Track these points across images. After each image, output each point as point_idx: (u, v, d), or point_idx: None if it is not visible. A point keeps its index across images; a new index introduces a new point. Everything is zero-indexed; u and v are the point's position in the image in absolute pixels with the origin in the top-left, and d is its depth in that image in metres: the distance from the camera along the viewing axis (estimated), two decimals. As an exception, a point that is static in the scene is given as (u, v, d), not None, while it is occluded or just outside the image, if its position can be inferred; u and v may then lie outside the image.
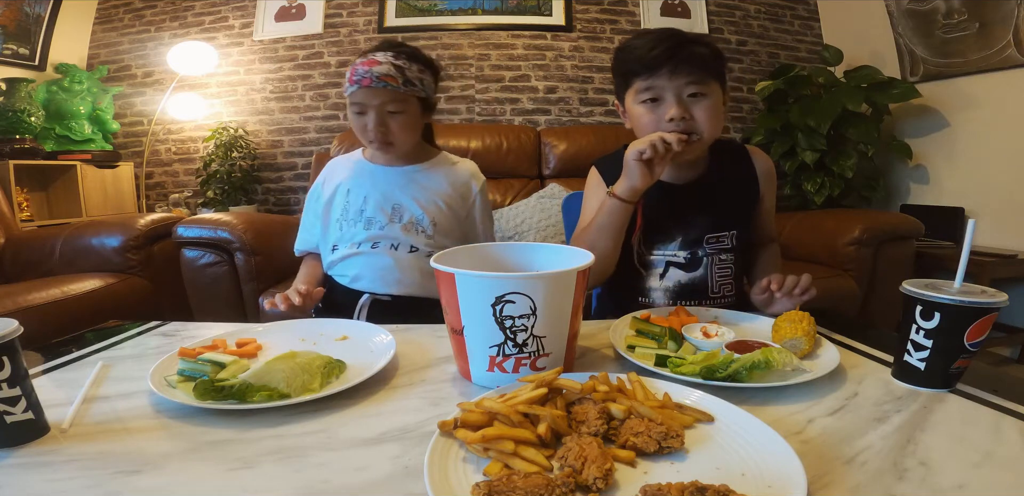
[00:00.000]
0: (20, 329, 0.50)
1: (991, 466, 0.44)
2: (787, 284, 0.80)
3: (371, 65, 0.97)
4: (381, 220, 1.08)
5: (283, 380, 0.57)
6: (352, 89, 0.99)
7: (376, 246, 1.07)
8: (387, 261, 1.07)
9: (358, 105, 1.00)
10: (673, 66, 0.83)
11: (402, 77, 0.98)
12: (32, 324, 1.12)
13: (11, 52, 2.65)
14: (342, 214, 1.11)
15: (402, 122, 1.02)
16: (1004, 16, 2.14)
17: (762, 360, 0.58)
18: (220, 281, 1.80)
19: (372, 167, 1.13)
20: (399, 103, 1.00)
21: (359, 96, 0.99)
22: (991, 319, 0.55)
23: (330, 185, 1.14)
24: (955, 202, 2.42)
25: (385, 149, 1.05)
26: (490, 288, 0.57)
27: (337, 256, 1.10)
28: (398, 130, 1.02)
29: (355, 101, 1.00)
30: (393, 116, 1.01)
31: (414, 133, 1.07)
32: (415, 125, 1.06)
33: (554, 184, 2.44)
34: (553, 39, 2.88)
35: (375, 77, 0.96)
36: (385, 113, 1.00)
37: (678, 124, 0.85)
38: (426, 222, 1.09)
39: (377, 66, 0.97)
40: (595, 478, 0.40)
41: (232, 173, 2.75)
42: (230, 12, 2.91)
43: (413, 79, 1.01)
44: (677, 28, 0.89)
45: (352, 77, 0.99)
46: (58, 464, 0.46)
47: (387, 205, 1.09)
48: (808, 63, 2.96)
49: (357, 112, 1.01)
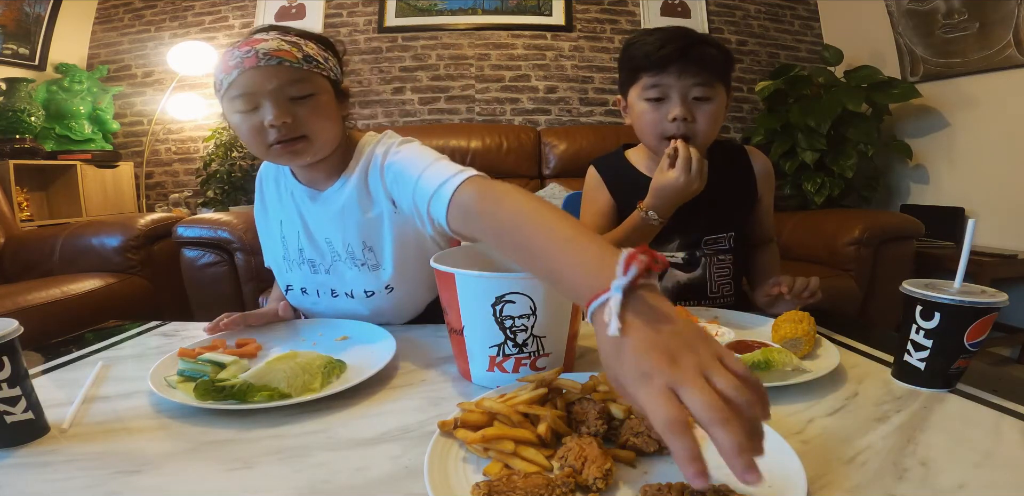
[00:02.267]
0: (20, 329, 0.49)
1: (991, 466, 0.44)
2: (797, 287, 0.80)
3: (254, 44, 0.70)
4: (323, 260, 0.85)
5: (284, 380, 0.57)
6: (231, 77, 0.70)
7: (336, 295, 0.86)
8: (359, 310, 0.86)
9: (244, 97, 0.70)
10: (683, 65, 0.83)
11: (300, 52, 0.72)
12: (32, 324, 1.11)
13: (11, 52, 2.65)
14: (284, 253, 0.88)
15: (313, 107, 0.73)
16: (1004, 16, 2.14)
17: (762, 360, 0.58)
18: (220, 281, 1.80)
19: (295, 188, 0.85)
20: (303, 84, 0.72)
21: (243, 83, 0.70)
22: (991, 319, 0.55)
23: (264, 204, 0.91)
24: (955, 202, 2.42)
25: (299, 149, 0.73)
26: (490, 288, 0.57)
27: (298, 303, 0.91)
28: (309, 117, 0.72)
29: (239, 93, 0.70)
30: (299, 103, 0.72)
31: (332, 122, 0.76)
32: (330, 112, 0.76)
33: (554, 184, 2.45)
34: (553, 39, 2.88)
35: (261, 54, 0.69)
36: (286, 100, 0.71)
37: (679, 126, 0.85)
38: (359, 251, 0.82)
39: (262, 44, 0.70)
40: (595, 478, 0.40)
41: (232, 173, 2.75)
42: (230, 12, 2.91)
43: (314, 55, 0.73)
44: (689, 27, 0.89)
45: (228, 63, 0.70)
46: (58, 464, 0.46)
47: (320, 240, 0.84)
48: (808, 63, 2.96)
49: (244, 110, 0.71)
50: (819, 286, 0.81)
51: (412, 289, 0.87)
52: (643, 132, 0.91)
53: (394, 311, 0.88)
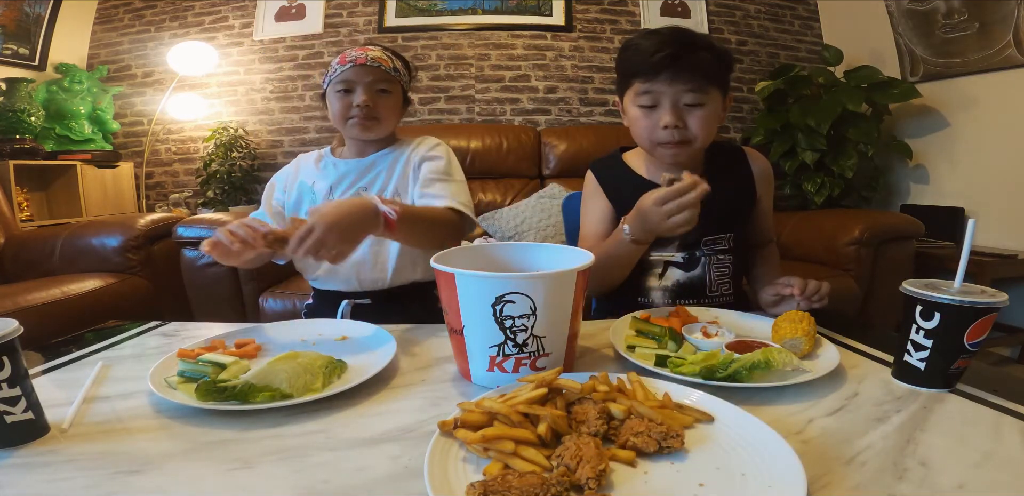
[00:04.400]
0: (20, 329, 0.49)
1: (991, 466, 0.44)
2: (809, 289, 0.80)
3: (367, 50, 1.00)
4: None
5: (285, 380, 0.57)
6: (343, 68, 0.98)
7: None
8: (356, 256, 1.00)
9: (346, 82, 0.99)
10: (673, 73, 0.83)
11: (392, 63, 1.02)
12: (32, 324, 1.11)
13: (11, 52, 2.65)
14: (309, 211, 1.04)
15: (388, 102, 1.02)
16: (1004, 16, 2.14)
17: (762, 360, 0.58)
18: (220, 281, 1.80)
19: (336, 160, 1.08)
20: (389, 83, 1.01)
21: (349, 74, 0.98)
22: (991, 319, 0.55)
23: (295, 183, 1.08)
24: (955, 202, 2.42)
25: (369, 125, 1.01)
26: (490, 288, 0.57)
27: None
28: (384, 108, 1.01)
29: (344, 79, 0.99)
30: (381, 95, 1.01)
31: (396, 116, 1.06)
32: (398, 109, 1.06)
33: (554, 184, 2.45)
34: (553, 39, 2.88)
35: (369, 58, 0.98)
36: (375, 91, 1.00)
37: (671, 133, 0.85)
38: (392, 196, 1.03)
39: (371, 52, 1.00)
40: (588, 478, 0.40)
41: (232, 173, 2.75)
42: (230, 12, 2.91)
43: (399, 68, 1.04)
44: (686, 28, 0.88)
45: (345, 59, 0.99)
46: (58, 464, 0.46)
47: (352, 191, 1.05)
48: (808, 63, 2.96)
49: (343, 90, 0.99)
50: (829, 292, 0.81)
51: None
52: (638, 137, 0.92)
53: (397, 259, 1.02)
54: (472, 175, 2.53)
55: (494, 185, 2.52)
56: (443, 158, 1.05)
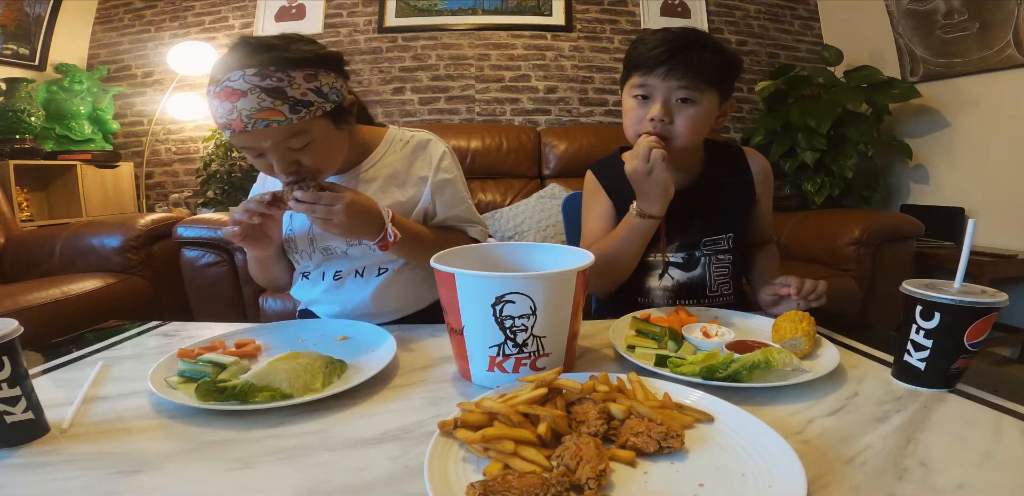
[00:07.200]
0: (20, 329, 0.50)
1: (991, 466, 0.44)
2: (805, 289, 0.80)
3: (232, 99, 0.67)
4: (338, 245, 0.90)
5: (286, 380, 0.57)
6: (224, 133, 0.72)
7: (338, 277, 0.92)
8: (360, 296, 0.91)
9: (246, 150, 0.74)
10: (669, 69, 0.83)
11: (285, 103, 0.68)
12: (32, 324, 1.12)
13: (11, 52, 2.65)
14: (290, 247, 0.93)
15: (315, 152, 0.75)
16: (1004, 16, 2.14)
17: (762, 360, 0.58)
18: (220, 281, 1.80)
19: None
20: (299, 137, 0.72)
21: (238, 141, 0.72)
22: (991, 319, 0.55)
23: None
24: (955, 202, 2.42)
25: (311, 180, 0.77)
26: (490, 288, 0.57)
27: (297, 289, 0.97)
28: (314, 162, 0.75)
29: (239, 146, 0.74)
30: (299, 151, 0.74)
31: (337, 153, 0.81)
32: (333, 146, 0.79)
33: (554, 184, 2.44)
34: (553, 39, 2.88)
35: (245, 116, 0.67)
36: (286, 151, 0.73)
37: (655, 125, 0.85)
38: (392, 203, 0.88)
39: (241, 99, 0.67)
40: (587, 478, 0.40)
41: (232, 173, 2.74)
42: (230, 12, 2.91)
43: (301, 97, 0.70)
44: (701, 30, 0.89)
45: (217, 120, 0.70)
46: (58, 464, 0.46)
47: None
48: (808, 63, 2.96)
49: (251, 156, 0.75)
50: (827, 290, 0.81)
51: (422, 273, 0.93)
52: (626, 128, 0.92)
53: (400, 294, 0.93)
54: (472, 175, 2.55)
55: (494, 185, 2.53)
56: (451, 177, 0.92)
